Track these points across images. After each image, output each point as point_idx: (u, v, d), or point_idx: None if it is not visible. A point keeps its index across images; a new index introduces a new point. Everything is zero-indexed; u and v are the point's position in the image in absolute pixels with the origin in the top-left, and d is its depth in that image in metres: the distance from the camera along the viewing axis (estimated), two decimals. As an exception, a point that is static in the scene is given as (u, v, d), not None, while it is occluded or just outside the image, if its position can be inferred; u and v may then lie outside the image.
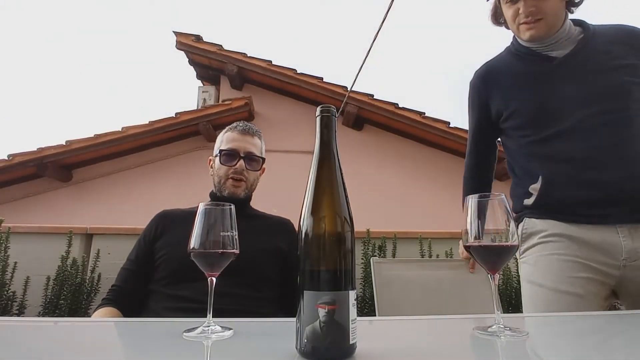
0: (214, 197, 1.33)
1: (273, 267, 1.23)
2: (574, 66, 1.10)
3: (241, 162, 1.29)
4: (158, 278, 1.16)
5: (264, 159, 1.36)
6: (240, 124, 1.37)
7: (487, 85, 1.24)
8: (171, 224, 1.26)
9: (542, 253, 1.11)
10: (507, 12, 1.16)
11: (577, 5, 1.15)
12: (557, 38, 1.12)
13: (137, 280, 1.19)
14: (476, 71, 1.30)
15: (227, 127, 1.38)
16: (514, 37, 1.24)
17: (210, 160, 1.38)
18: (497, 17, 1.25)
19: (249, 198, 1.35)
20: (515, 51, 1.21)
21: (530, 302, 1.12)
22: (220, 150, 1.31)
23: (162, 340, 0.67)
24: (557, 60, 1.12)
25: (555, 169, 1.10)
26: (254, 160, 1.32)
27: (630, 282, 1.04)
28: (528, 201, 1.17)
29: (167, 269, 1.16)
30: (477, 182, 1.36)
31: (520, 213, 1.22)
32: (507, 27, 1.22)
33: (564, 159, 1.08)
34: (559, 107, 1.10)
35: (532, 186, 1.14)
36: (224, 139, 1.34)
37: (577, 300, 1.03)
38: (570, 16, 1.17)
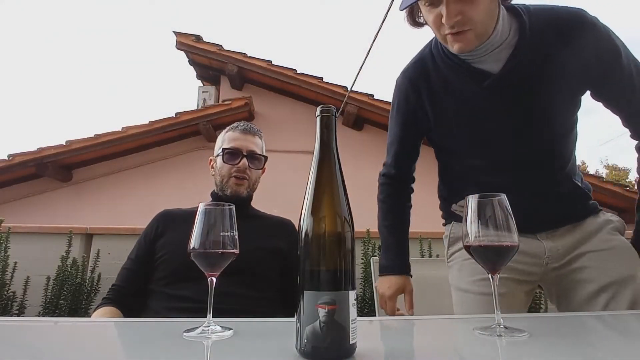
0: (215, 197, 1.33)
1: (273, 267, 1.23)
2: (507, 88, 0.96)
3: (244, 160, 1.29)
4: (158, 278, 1.16)
5: (266, 158, 1.37)
6: (241, 124, 1.37)
7: (416, 90, 1.08)
8: (172, 224, 1.26)
9: (465, 258, 1.10)
10: (428, 16, 0.94)
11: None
12: (491, 43, 0.93)
13: (138, 279, 1.19)
14: (404, 70, 1.12)
15: (227, 127, 1.38)
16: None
17: (211, 160, 1.38)
18: (414, 17, 1.01)
19: (250, 198, 1.35)
20: (444, 55, 1.01)
21: (459, 307, 1.13)
22: (223, 149, 1.31)
23: (162, 340, 0.67)
24: (489, 78, 0.96)
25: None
26: (256, 159, 1.33)
27: (553, 280, 1.08)
28: (455, 208, 1.16)
29: (168, 268, 1.16)
30: (397, 201, 1.23)
31: (448, 218, 1.23)
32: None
33: (493, 190, 1.01)
34: (489, 139, 1.02)
35: (461, 202, 1.12)
36: (225, 139, 1.34)
37: (500, 298, 1.04)
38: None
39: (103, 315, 1.11)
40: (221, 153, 1.31)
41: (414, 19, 1.02)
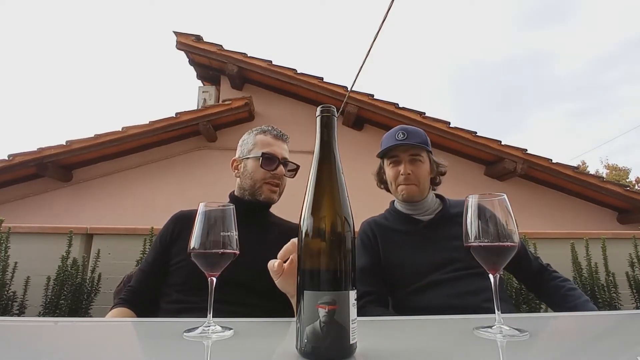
0: (240, 200, 1.29)
1: None
2: (435, 229, 1.38)
3: (281, 167, 1.28)
4: (173, 283, 1.15)
5: (298, 166, 1.35)
6: (272, 129, 1.34)
7: (374, 233, 1.45)
8: (188, 227, 1.24)
9: None
10: (390, 172, 1.45)
11: (437, 185, 1.51)
12: (424, 204, 1.43)
13: (153, 281, 1.18)
14: (364, 222, 1.51)
15: (256, 129, 1.36)
16: (392, 203, 1.53)
17: (234, 161, 1.35)
18: (381, 179, 1.53)
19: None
20: (394, 213, 1.49)
21: None
22: (263, 154, 1.27)
23: (162, 340, 0.67)
24: (423, 222, 1.40)
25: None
26: (291, 167, 1.33)
27: None
28: None
29: (183, 275, 1.14)
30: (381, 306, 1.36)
31: None
32: (387, 190, 1.52)
33: (424, 308, 1.24)
34: (421, 266, 1.32)
35: None
36: (257, 142, 1.31)
37: None
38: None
39: (116, 315, 1.11)
40: (260, 157, 1.27)
41: (380, 179, 1.54)
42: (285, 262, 0.85)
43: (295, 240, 0.80)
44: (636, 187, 19.88)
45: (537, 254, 1.50)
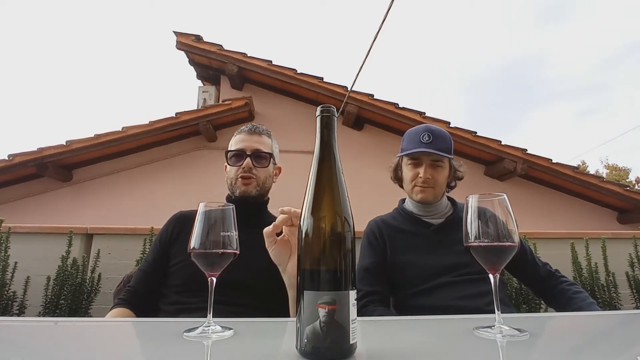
0: (229, 199, 1.32)
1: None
2: (444, 233, 1.38)
3: (248, 160, 1.28)
4: (172, 284, 1.15)
5: (271, 154, 1.34)
6: (248, 125, 1.36)
7: (382, 232, 1.44)
8: (187, 228, 1.24)
9: None
10: (408, 172, 1.45)
11: (452, 188, 1.52)
12: (437, 207, 1.44)
13: (152, 282, 1.18)
14: (371, 221, 1.51)
15: (236, 131, 1.38)
16: (401, 202, 1.53)
17: (226, 166, 1.37)
18: (396, 174, 1.52)
19: (265, 202, 1.34)
20: (403, 213, 1.49)
21: None
22: (226, 152, 1.31)
23: (162, 340, 0.67)
24: (433, 226, 1.40)
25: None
26: (261, 157, 1.30)
27: None
28: None
29: (182, 277, 1.14)
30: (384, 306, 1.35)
31: None
32: (401, 187, 1.51)
33: (426, 308, 1.25)
34: (428, 269, 1.31)
35: None
36: (232, 142, 1.34)
37: None
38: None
39: (116, 316, 1.11)
40: (226, 156, 1.30)
41: (396, 175, 1.52)
42: (279, 234, 0.94)
43: (286, 209, 0.90)
44: (636, 187, 19.88)
45: (538, 254, 1.50)
